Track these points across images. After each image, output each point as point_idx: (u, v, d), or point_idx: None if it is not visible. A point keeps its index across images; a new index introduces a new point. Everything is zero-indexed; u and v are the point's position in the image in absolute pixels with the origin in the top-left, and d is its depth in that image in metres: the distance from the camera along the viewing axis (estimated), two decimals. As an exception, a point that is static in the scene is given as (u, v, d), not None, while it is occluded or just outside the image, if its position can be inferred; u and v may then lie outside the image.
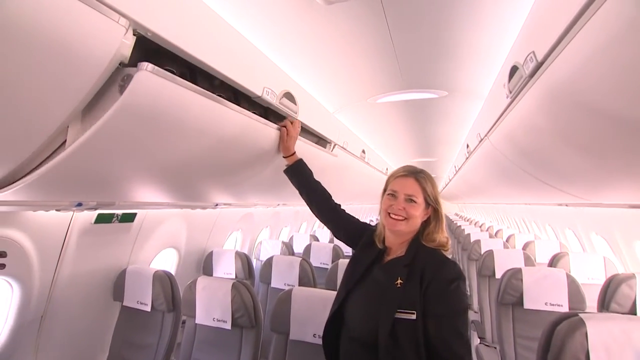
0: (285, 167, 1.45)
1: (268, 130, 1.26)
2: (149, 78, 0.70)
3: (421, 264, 1.00)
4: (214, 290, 1.67)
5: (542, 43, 0.75)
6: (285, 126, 1.38)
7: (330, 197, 1.39)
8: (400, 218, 1.05)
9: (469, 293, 3.31)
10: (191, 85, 0.81)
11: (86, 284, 1.83)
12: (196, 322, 1.70)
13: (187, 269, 2.62)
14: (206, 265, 2.74)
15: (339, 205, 1.38)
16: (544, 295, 1.72)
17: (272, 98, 1.15)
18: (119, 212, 1.82)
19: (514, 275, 1.81)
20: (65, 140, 0.75)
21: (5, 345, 1.53)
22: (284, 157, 1.46)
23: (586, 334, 0.98)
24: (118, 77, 0.71)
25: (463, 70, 1.57)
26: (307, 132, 1.84)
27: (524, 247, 3.14)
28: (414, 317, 0.93)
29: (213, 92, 1.09)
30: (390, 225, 1.06)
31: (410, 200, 1.05)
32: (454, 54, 1.45)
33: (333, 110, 2.03)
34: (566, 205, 2.24)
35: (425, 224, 1.08)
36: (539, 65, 0.79)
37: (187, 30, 0.78)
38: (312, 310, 1.44)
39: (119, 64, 0.70)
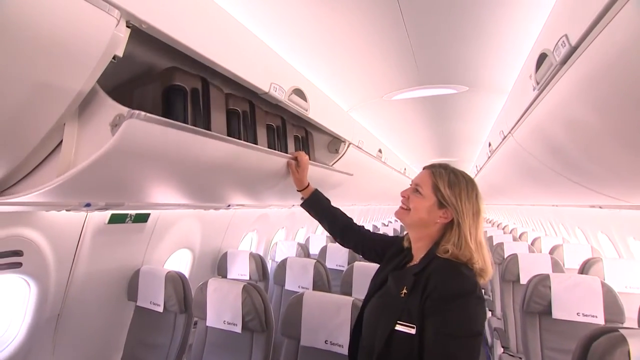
0: (301, 201, 1.42)
1: (276, 159, 1.23)
2: (138, 125, 0.67)
3: (428, 272, 0.89)
4: (225, 292, 1.64)
5: (576, 24, 0.67)
6: (295, 158, 1.39)
7: (352, 220, 1.34)
8: (404, 207, 0.99)
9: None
10: (184, 126, 0.79)
11: (101, 284, 1.85)
12: (207, 324, 1.68)
13: (201, 269, 2.62)
14: (221, 266, 2.73)
15: (362, 227, 1.32)
16: (576, 304, 1.59)
17: (281, 94, 1.11)
18: (132, 212, 1.83)
19: (541, 282, 1.69)
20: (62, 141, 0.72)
21: (23, 342, 1.56)
22: (298, 190, 1.44)
23: (628, 352, 0.87)
24: (111, 112, 0.69)
25: (484, 62, 1.48)
26: (320, 130, 1.79)
27: (551, 251, 2.97)
28: (413, 331, 0.84)
29: (227, 104, 1.06)
30: (395, 213, 1.03)
31: (416, 190, 0.97)
32: (475, 45, 1.36)
33: (347, 108, 1.97)
34: (600, 208, 2.07)
35: (445, 231, 0.95)
36: (573, 50, 0.70)
37: (186, 22, 0.74)
38: (324, 316, 1.39)
39: (113, 58, 0.66)
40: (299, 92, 1.22)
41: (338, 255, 3.17)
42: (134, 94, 1.06)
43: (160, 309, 1.86)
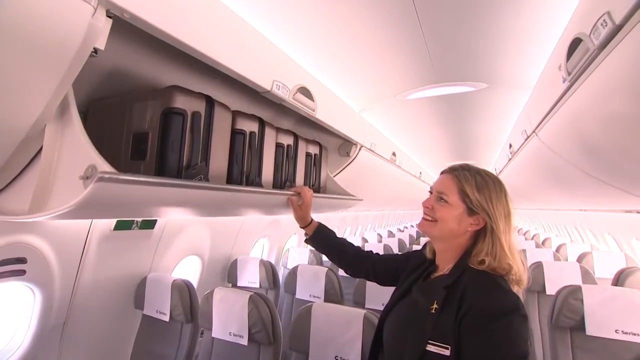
0: (305, 238, 1.40)
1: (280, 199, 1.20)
2: (106, 187, 0.63)
3: (462, 286, 0.80)
4: (231, 302, 1.58)
5: (621, -1, 0.57)
6: (299, 193, 1.38)
7: (360, 249, 1.29)
8: (428, 218, 0.91)
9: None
10: (154, 182, 0.76)
11: (107, 291, 1.81)
12: (212, 335, 1.61)
13: (211, 277, 2.57)
14: (231, 274, 2.68)
15: (371, 252, 1.26)
16: (613, 320, 1.44)
17: (284, 93, 1.04)
18: (139, 218, 1.80)
19: (572, 294, 1.54)
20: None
21: (28, 351, 1.54)
22: (301, 227, 1.41)
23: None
24: (83, 158, 0.66)
25: (505, 56, 1.37)
26: (330, 133, 1.71)
27: (579, 259, 2.77)
28: (447, 352, 0.74)
29: (234, 123, 1.05)
30: (418, 226, 0.97)
31: (440, 198, 0.89)
32: (494, 38, 1.26)
33: (359, 109, 1.89)
34: (637, 212, 1.90)
35: (477, 239, 0.87)
36: (617, 30, 0.60)
37: (174, 12, 0.68)
38: (334, 330, 1.29)
39: (94, 52, 0.61)
40: (305, 91, 1.15)
41: (351, 262, 3.07)
42: (134, 108, 1.03)
43: (166, 318, 1.81)
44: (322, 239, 1.34)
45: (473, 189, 0.86)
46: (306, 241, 1.40)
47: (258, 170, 1.23)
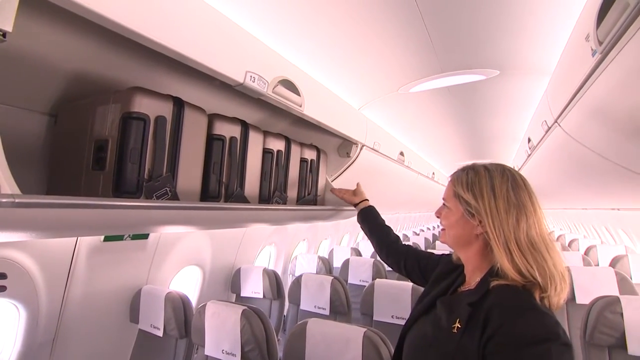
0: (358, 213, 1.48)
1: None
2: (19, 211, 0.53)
3: (488, 305, 0.69)
4: (224, 317, 1.46)
5: None
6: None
7: (399, 240, 1.30)
8: (442, 227, 0.88)
9: None
10: (68, 203, 0.64)
11: (100, 305, 1.73)
12: (205, 352, 1.49)
13: (213, 288, 2.47)
14: (234, 284, 2.57)
15: (409, 245, 1.26)
16: (661, 337, 1.23)
17: (262, 86, 0.91)
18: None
19: (609, 306, 1.34)
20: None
21: (15, 370, 1.46)
22: (354, 205, 1.51)
23: None
24: None
25: (518, 36, 1.21)
26: (328, 133, 1.57)
27: (612, 264, 2.52)
28: None
29: (210, 127, 1.01)
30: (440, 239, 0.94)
31: (444, 205, 0.87)
32: (503, 16, 1.10)
33: (358, 105, 1.75)
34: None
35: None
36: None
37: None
38: (331, 350, 1.15)
39: (2, 35, 0.50)
40: (288, 84, 1.02)
41: (361, 270, 2.90)
42: (97, 112, 0.94)
43: (160, 333, 1.71)
44: (367, 219, 1.42)
45: (463, 187, 0.79)
46: (358, 216, 1.47)
47: (240, 180, 1.11)
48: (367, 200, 1.50)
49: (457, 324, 0.71)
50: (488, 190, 0.75)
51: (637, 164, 1.16)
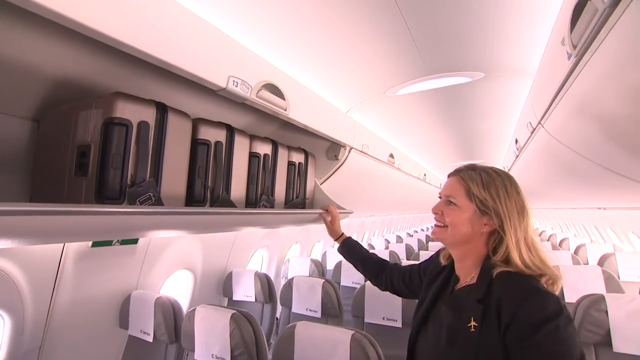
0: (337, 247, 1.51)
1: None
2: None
3: (497, 295, 0.74)
4: (213, 322, 1.45)
5: None
6: (327, 209, 1.52)
7: (384, 261, 1.34)
8: (440, 224, 0.88)
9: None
10: (50, 210, 0.65)
11: (89, 312, 1.71)
12: (195, 357, 1.48)
13: (204, 292, 2.45)
14: (226, 288, 2.56)
15: (396, 264, 1.29)
16: (643, 334, 1.25)
17: (245, 91, 0.92)
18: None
19: (594, 304, 1.36)
20: None
21: (1, 379, 1.44)
22: (334, 240, 1.53)
23: None
24: None
25: (500, 39, 1.23)
26: (316, 136, 1.58)
27: (601, 262, 2.55)
28: None
29: (195, 132, 1.02)
30: (432, 234, 0.94)
31: (449, 202, 0.86)
32: (484, 19, 1.12)
33: (346, 108, 1.76)
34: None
35: (494, 240, 0.82)
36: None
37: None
38: (319, 353, 1.15)
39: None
40: (272, 88, 1.03)
41: (354, 272, 2.90)
42: (79, 117, 0.93)
43: (150, 339, 1.69)
44: (347, 250, 1.44)
45: (479, 187, 0.82)
46: (338, 250, 1.51)
47: (226, 184, 1.11)
48: (342, 234, 1.52)
49: (473, 323, 0.74)
50: (502, 192, 0.81)
51: (617, 164, 1.18)
